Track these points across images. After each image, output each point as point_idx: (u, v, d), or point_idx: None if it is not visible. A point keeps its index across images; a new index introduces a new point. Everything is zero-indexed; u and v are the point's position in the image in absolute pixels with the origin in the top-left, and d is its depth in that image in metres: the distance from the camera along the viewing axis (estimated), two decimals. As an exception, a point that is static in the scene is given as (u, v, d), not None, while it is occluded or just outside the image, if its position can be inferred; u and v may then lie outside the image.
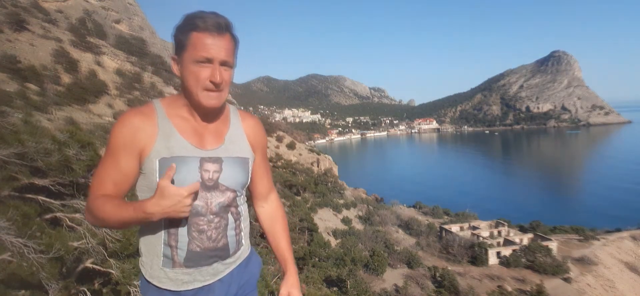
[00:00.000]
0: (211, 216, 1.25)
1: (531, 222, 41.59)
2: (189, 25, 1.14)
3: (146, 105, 1.25)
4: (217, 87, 1.17)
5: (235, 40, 1.21)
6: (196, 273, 1.26)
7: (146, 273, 1.27)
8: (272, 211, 1.54)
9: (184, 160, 1.18)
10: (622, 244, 35.94)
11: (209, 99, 1.19)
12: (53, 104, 22.05)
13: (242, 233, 1.37)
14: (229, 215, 1.30)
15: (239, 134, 1.34)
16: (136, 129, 1.17)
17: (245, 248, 1.41)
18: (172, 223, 1.22)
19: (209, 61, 1.15)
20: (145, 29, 63.79)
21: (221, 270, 1.31)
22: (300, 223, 27.08)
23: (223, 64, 1.17)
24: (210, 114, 1.27)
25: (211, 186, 1.23)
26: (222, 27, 1.15)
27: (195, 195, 1.18)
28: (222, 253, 1.29)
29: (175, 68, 1.21)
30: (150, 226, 1.23)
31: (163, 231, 1.23)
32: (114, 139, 1.17)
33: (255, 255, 1.49)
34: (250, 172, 1.35)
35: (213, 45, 1.14)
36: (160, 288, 1.25)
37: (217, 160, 1.24)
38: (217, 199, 1.25)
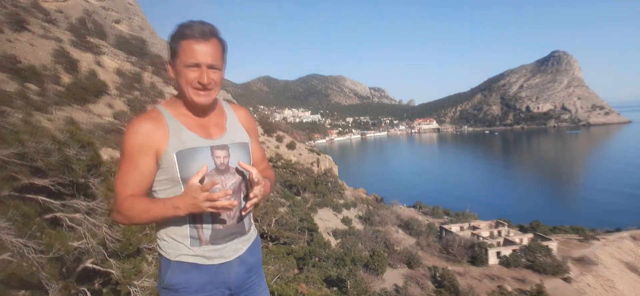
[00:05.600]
0: (228, 197, 1.37)
1: (531, 222, 41.47)
2: (179, 34, 1.30)
3: (151, 110, 1.40)
4: (204, 87, 1.33)
5: (222, 44, 1.36)
6: (221, 249, 1.41)
7: (170, 254, 1.38)
8: (262, 171, 1.60)
9: (198, 150, 1.35)
10: (622, 244, 35.92)
11: (199, 97, 1.34)
12: (53, 104, 22.04)
13: (251, 214, 1.55)
14: (241, 196, 1.46)
15: (236, 124, 1.52)
16: (149, 132, 1.31)
17: (254, 230, 1.59)
18: None
19: (197, 65, 1.30)
20: (145, 29, 63.79)
21: (240, 247, 1.47)
22: (300, 223, 27.06)
23: (210, 67, 1.31)
24: (204, 110, 1.42)
25: (223, 170, 1.39)
26: (207, 33, 1.30)
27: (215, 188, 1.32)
28: (240, 230, 1.47)
29: (170, 72, 1.38)
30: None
31: (188, 216, 1.34)
32: (130, 145, 1.31)
33: (258, 240, 1.64)
34: (250, 154, 1.52)
35: (200, 51, 1.28)
36: (185, 263, 1.37)
37: (224, 147, 1.41)
38: (230, 181, 1.41)
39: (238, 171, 1.43)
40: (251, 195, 1.38)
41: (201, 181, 1.27)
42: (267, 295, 1.65)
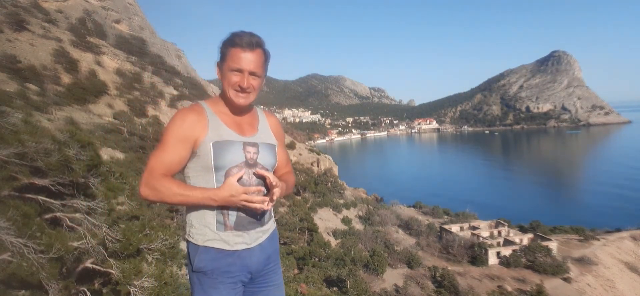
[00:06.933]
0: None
1: (531, 222, 41.47)
2: (229, 42, 1.50)
3: (195, 104, 1.60)
4: (243, 90, 1.52)
5: (266, 54, 1.56)
6: (244, 235, 1.58)
7: (198, 239, 1.55)
8: (284, 175, 1.83)
9: (232, 143, 1.53)
10: (622, 244, 35.93)
11: (238, 98, 1.54)
12: (53, 104, 22.06)
13: (271, 208, 1.69)
14: (264, 190, 1.60)
15: (266, 127, 1.72)
16: (193, 122, 1.50)
17: (273, 222, 1.77)
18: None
19: (240, 71, 1.50)
20: (145, 29, 63.80)
21: (260, 236, 1.65)
22: (300, 223, 27.08)
23: (251, 73, 1.51)
24: (241, 110, 1.61)
25: (252, 164, 1.57)
26: (254, 44, 1.49)
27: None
28: (261, 219, 1.63)
29: (217, 72, 1.57)
30: None
31: None
32: (175, 130, 1.48)
33: (276, 231, 1.82)
34: (276, 156, 1.70)
35: (244, 58, 1.48)
36: (211, 247, 1.54)
37: (255, 144, 1.59)
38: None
39: (264, 168, 1.60)
40: (270, 197, 1.55)
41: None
42: (281, 282, 1.81)
